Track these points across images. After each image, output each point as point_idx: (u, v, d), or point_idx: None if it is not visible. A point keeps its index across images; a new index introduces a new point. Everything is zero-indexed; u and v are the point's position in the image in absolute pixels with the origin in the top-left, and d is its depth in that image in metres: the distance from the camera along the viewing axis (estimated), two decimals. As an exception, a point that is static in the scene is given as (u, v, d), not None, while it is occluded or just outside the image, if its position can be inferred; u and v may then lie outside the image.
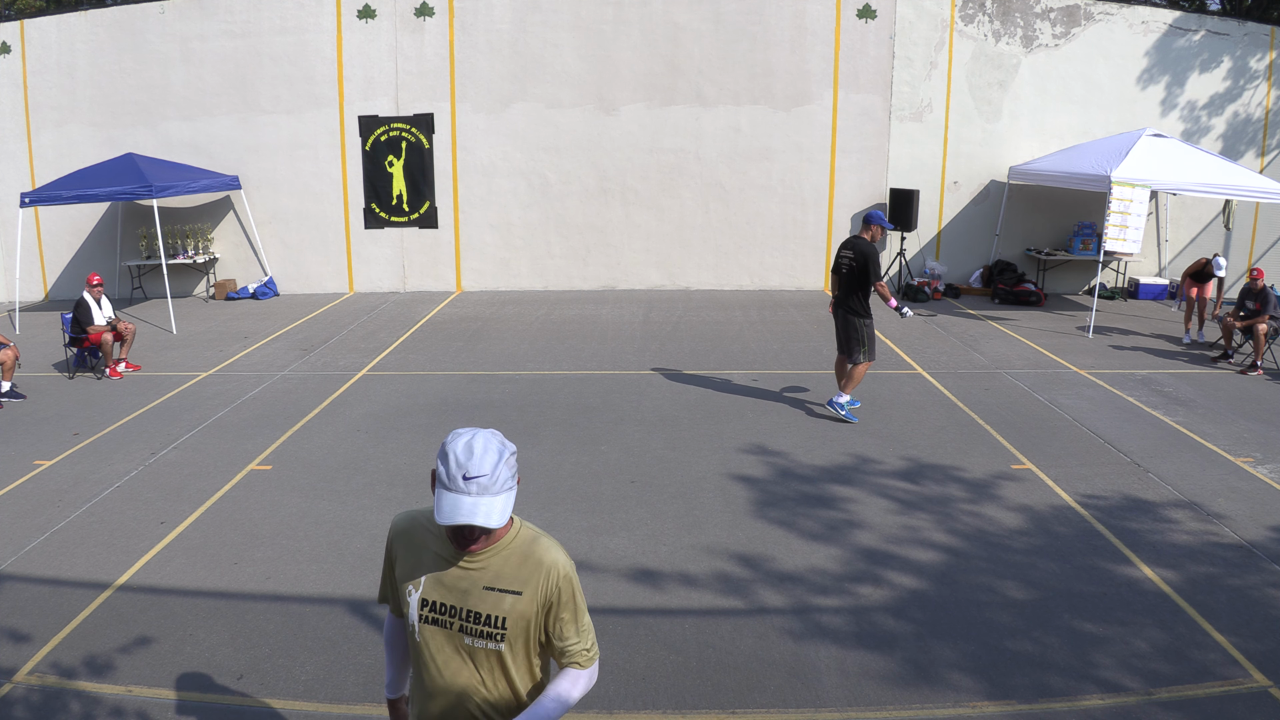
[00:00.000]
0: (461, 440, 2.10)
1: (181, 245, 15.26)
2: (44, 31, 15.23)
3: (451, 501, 2.06)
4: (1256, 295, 10.62)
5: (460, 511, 2.05)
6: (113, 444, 8.13)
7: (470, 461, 2.06)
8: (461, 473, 2.06)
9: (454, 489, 2.06)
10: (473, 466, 2.06)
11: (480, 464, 2.06)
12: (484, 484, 2.07)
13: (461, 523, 2.05)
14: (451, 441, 2.10)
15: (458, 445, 2.08)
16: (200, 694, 4.44)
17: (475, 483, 2.06)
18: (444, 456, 2.09)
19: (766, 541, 6.08)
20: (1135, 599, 5.27)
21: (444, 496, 2.07)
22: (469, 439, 2.10)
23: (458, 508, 2.06)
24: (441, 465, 2.09)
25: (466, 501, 2.06)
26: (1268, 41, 14.94)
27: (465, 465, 2.06)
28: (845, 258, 8.41)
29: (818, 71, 15.06)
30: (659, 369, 10.52)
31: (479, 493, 2.07)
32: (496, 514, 2.10)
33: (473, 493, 2.06)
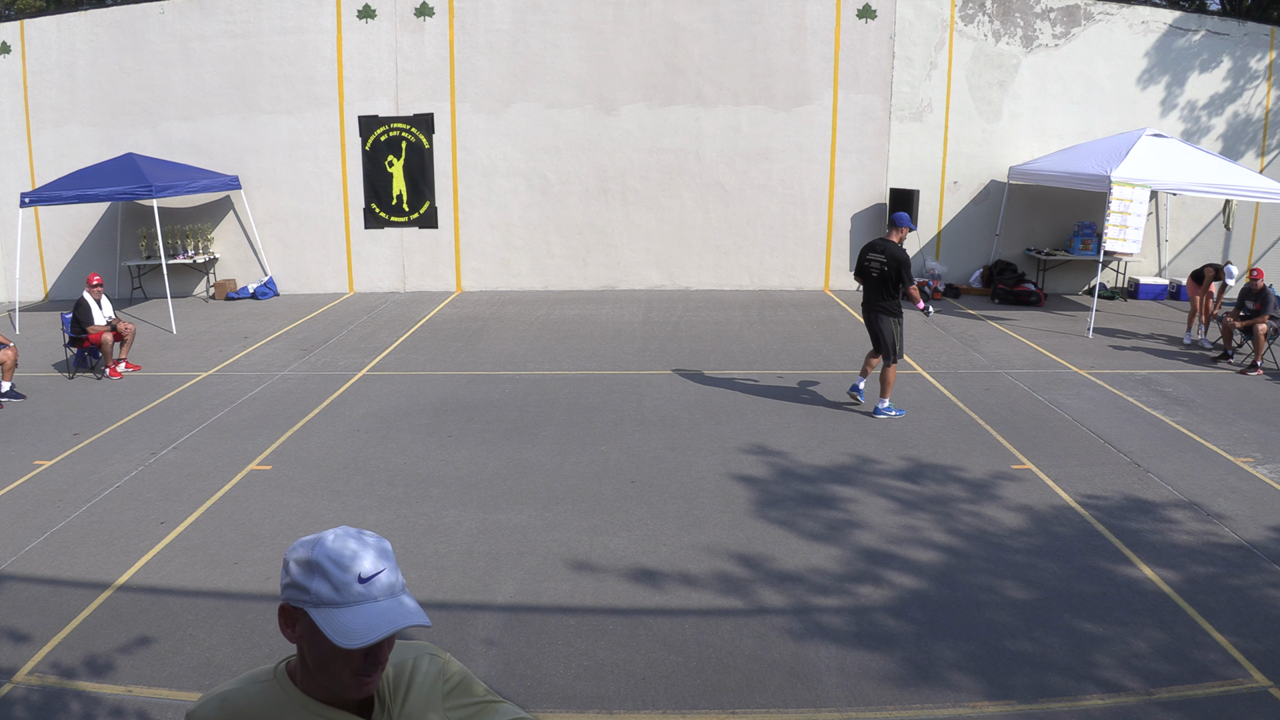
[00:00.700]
0: (325, 547, 1.51)
1: (181, 245, 15.26)
2: (44, 31, 15.23)
3: (354, 615, 1.47)
4: (1256, 295, 10.62)
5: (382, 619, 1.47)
6: (113, 444, 8.13)
7: (357, 559, 1.50)
8: (356, 575, 1.48)
9: (357, 600, 1.48)
10: (364, 566, 1.50)
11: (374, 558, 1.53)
12: (389, 580, 1.52)
13: (385, 633, 1.46)
14: (309, 553, 1.51)
15: (326, 551, 1.50)
16: (200, 694, 4.44)
17: (377, 583, 1.50)
18: (312, 569, 1.49)
19: (766, 541, 6.08)
20: (1135, 599, 5.27)
21: (341, 615, 1.47)
22: (332, 541, 1.52)
23: (376, 616, 1.48)
24: (320, 582, 1.48)
25: (381, 607, 1.49)
26: (1268, 41, 14.94)
27: (352, 565, 1.49)
28: (876, 261, 8.43)
29: (818, 71, 15.06)
30: (659, 369, 10.52)
31: (386, 594, 1.51)
32: (418, 608, 1.53)
33: (378, 596, 1.50)
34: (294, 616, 1.53)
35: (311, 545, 1.52)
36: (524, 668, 4.66)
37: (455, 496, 6.89)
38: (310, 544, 1.53)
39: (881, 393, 8.70)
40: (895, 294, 8.42)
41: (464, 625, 5.07)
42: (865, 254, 8.58)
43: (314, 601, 1.48)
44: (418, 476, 7.29)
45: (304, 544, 1.53)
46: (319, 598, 1.48)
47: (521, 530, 6.28)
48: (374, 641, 1.46)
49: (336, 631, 1.46)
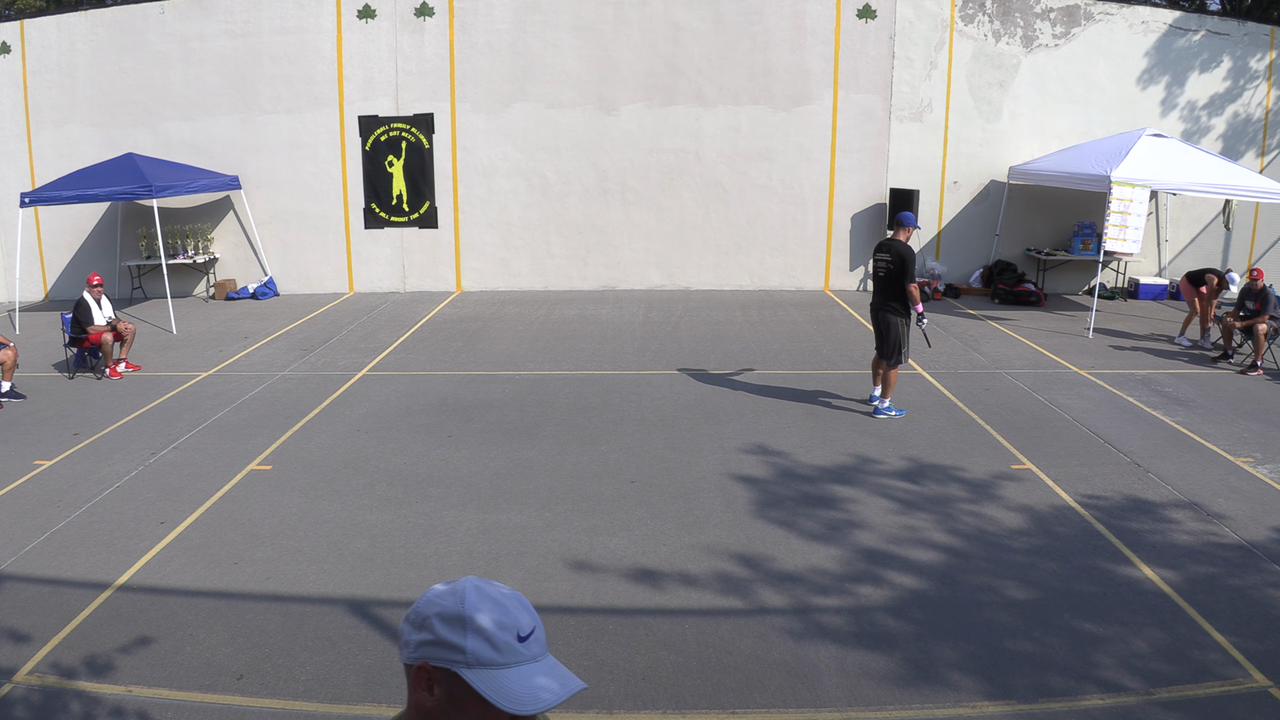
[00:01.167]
0: (469, 594, 1.34)
1: (181, 245, 15.26)
2: (44, 31, 15.23)
3: (518, 677, 1.32)
4: (1256, 295, 10.61)
5: (552, 682, 1.34)
6: (113, 444, 8.13)
7: (514, 615, 1.35)
8: (515, 633, 1.33)
9: (520, 659, 1.33)
10: (522, 620, 1.35)
11: (525, 612, 1.37)
12: (541, 638, 1.37)
13: (562, 697, 1.34)
14: (459, 608, 1.32)
15: (480, 602, 1.33)
16: (200, 694, 4.44)
17: (535, 640, 1.35)
18: (464, 626, 1.31)
19: (767, 541, 6.08)
20: (1135, 599, 5.27)
21: (503, 677, 1.31)
22: (478, 594, 1.34)
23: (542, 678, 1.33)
24: (476, 639, 1.31)
25: (542, 667, 1.35)
26: (1268, 41, 14.94)
27: (514, 622, 1.34)
28: (882, 260, 8.44)
29: (818, 71, 15.06)
30: (659, 369, 10.51)
31: (542, 652, 1.36)
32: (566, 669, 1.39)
33: (538, 654, 1.35)
34: (435, 678, 1.33)
35: (458, 599, 1.32)
36: (524, 668, 4.66)
37: (455, 496, 6.88)
38: (454, 597, 1.33)
39: (882, 393, 8.70)
40: (902, 294, 8.42)
41: (464, 625, 5.06)
42: (875, 254, 8.61)
43: (469, 662, 1.30)
44: (418, 476, 7.29)
45: (443, 597, 1.34)
46: (477, 658, 1.30)
47: (521, 530, 6.28)
48: (551, 706, 1.31)
49: (502, 695, 1.29)
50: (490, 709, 1.29)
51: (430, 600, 1.34)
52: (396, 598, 5.38)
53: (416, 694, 1.35)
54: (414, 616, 1.35)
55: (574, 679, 1.35)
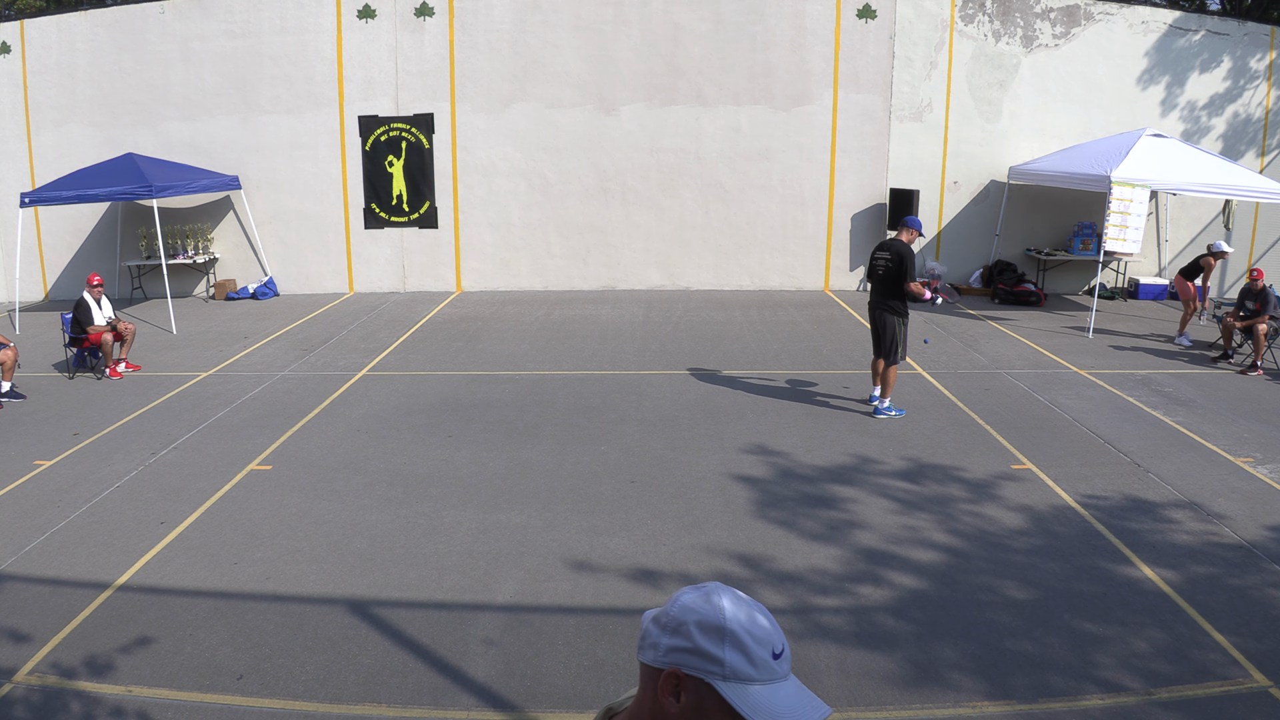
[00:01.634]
0: (727, 606, 1.32)
1: (181, 245, 15.26)
2: (44, 31, 15.23)
3: (771, 694, 1.30)
4: (1256, 295, 10.61)
5: (806, 704, 1.31)
6: (113, 444, 8.13)
7: (769, 631, 1.33)
8: (770, 650, 1.31)
9: (774, 676, 1.30)
10: (776, 637, 1.33)
11: (776, 629, 1.35)
12: (789, 658, 1.35)
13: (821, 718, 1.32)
14: (720, 619, 1.30)
15: (739, 615, 1.31)
16: (200, 694, 4.44)
17: (785, 659, 1.33)
18: (723, 637, 1.29)
19: (767, 541, 6.08)
20: (1135, 599, 5.27)
21: (757, 693, 1.29)
22: (735, 607, 1.32)
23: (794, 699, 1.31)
24: (734, 653, 1.29)
25: (792, 686, 1.32)
26: (1268, 41, 14.94)
27: (768, 637, 1.32)
28: (882, 260, 8.46)
29: (818, 71, 15.06)
30: (659, 369, 10.51)
31: (789, 671, 1.34)
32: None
33: (786, 673, 1.33)
34: (685, 685, 1.31)
35: (717, 609, 1.31)
36: (524, 668, 4.66)
37: (455, 496, 6.88)
38: (712, 607, 1.32)
39: (882, 393, 8.70)
40: (901, 293, 8.43)
41: (464, 625, 5.07)
42: (875, 253, 8.62)
43: (725, 675, 1.29)
44: (418, 476, 7.29)
45: (700, 605, 1.32)
46: (734, 671, 1.29)
47: (521, 530, 6.28)
48: None
49: (757, 711, 1.28)
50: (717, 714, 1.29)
51: (687, 607, 1.32)
52: (396, 598, 5.38)
53: (662, 698, 1.33)
54: (667, 620, 1.33)
55: (823, 703, 1.33)
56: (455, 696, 4.44)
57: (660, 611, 1.35)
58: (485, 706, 4.37)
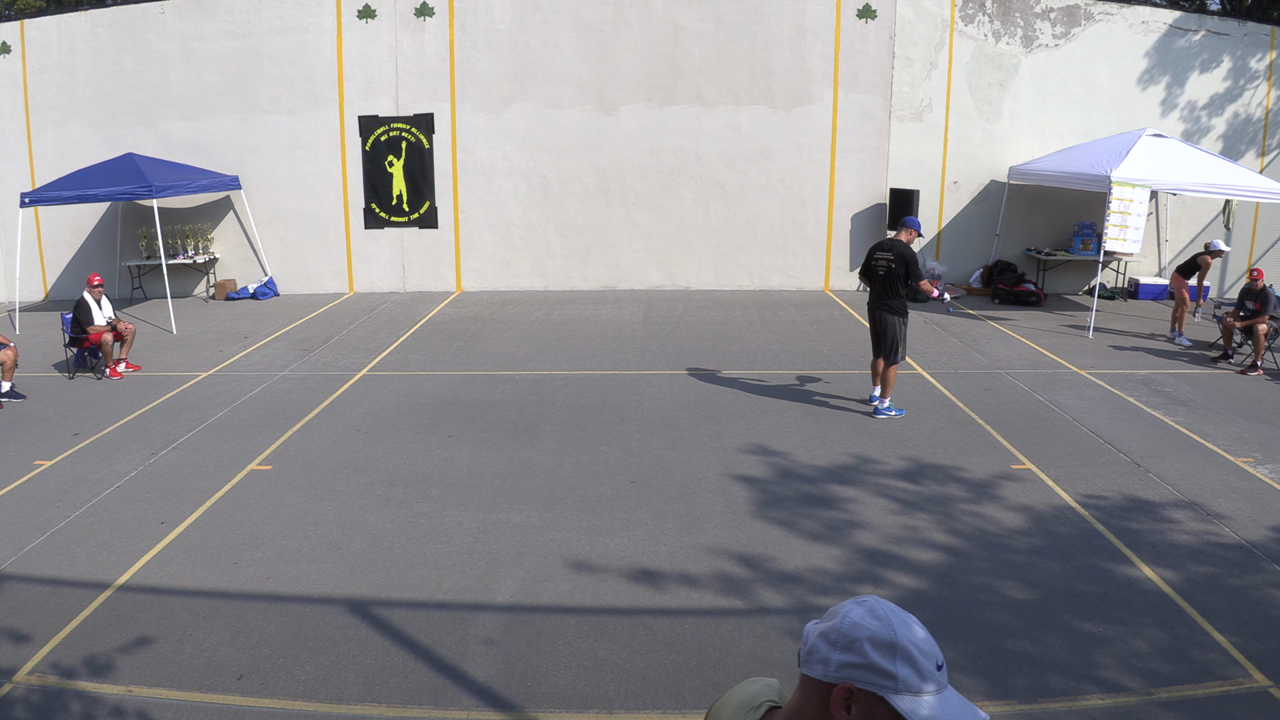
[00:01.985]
0: (907, 629, 1.39)
1: (181, 245, 15.26)
2: (44, 31, 15.23)
3: (935, 705, 1.37)
4: (1256, 295, 10.61)
5: (967, 710, 1.40)
6: (113, 444, 8.13)
7: (932, 645, 1.41)
8: (935, 662, 1.39)
9: (940, 686, 1.38)
10: (937, 651, 1.41)
11: (934, 643, 1.43)
12: (946, 669, 1.43)
13: None
14: (890, 635, 1.37)
15: (910, 636, 1.38)
16: (200, 694, 4.44)
17: (945, 670, 1.41)
18: (894, 652, 1.36)
19: (767, 541, 6.08)
20: (1135, 599, 5.27)
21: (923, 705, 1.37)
22: (904, 622, 1.40)
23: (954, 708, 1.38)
24: (905, 667, 1.36)
25: (952, 696, 1.40)
26: (1268, 41, 14.94)
27: (933, 650, 1.40)
28: (883, 260, 8.44)
29: (818, 71, 15.06)
30: (659, 369, 10.51)
31: (947, 682, 1.43)
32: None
33: (946, 684, 1.41)
34: (855, 699, 1.37)
35: (887, 625, 1.37)
36: (524, 668, 4.66)
37: (455, 496, 6.88)
38: (882, 623, 1.38)
39: (882, 393, 8.70)
40: (901, 293, 8.42)
41: (464, 625, 5.07)
42: (873, 253, 8.60)
43: (898, 688, 1.35)
44: (418, 476, 7.29)
45: (870, 620, 1.38)
46: (906, 684, 1.35)
47: (521, 530, 6.28)
48: None
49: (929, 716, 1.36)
50: None
51: (856, 623, 1.38)
52: (396, 598, 5.38)
53: (835, 712, 1.38)
54: (837, 637, 1.38)
55: (980, 710, 1.39)
56: (455, 696, 4.44)
57: (829, 627, 1.40)
58: (485, 706, 4.37)
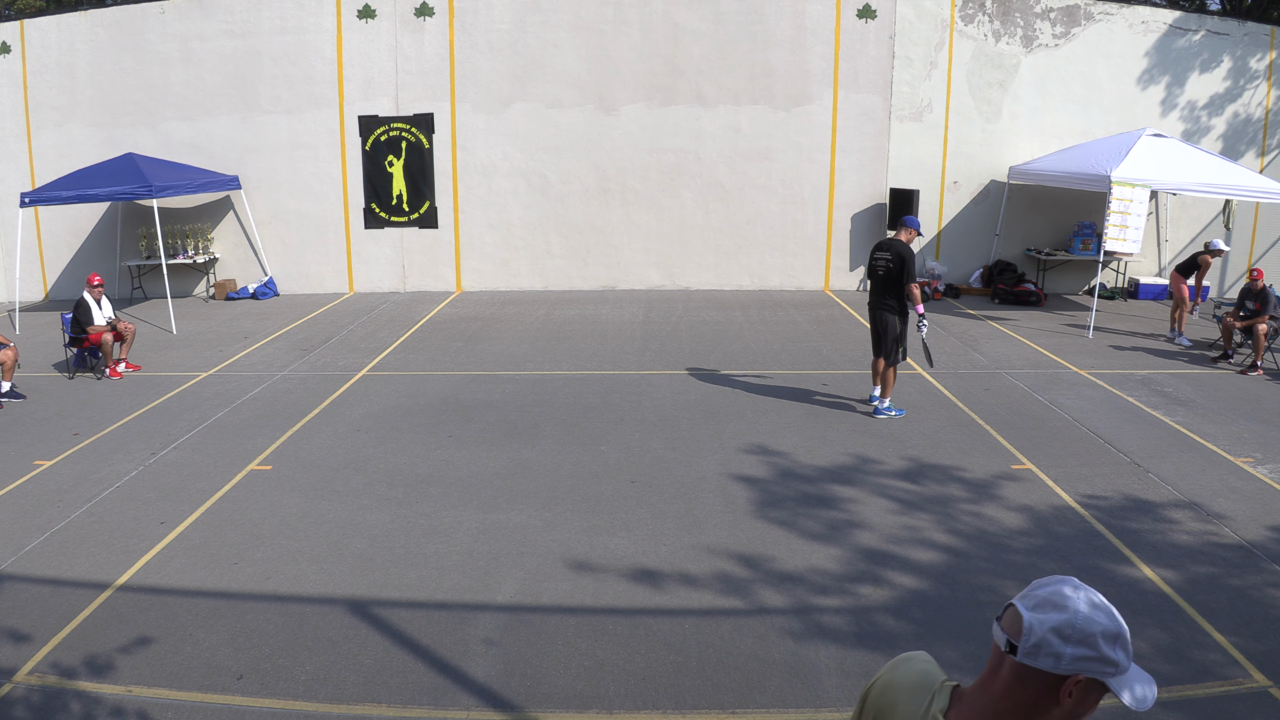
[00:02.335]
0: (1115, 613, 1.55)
1: (181, 245, 15.26)
2: (44, 31, 15.23)
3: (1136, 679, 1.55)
4: (1256, 295, 10.61)
5: (1148, 677, 1.57)
6: (113, 444, 8.13)
7: (1125, 625, 1.55)
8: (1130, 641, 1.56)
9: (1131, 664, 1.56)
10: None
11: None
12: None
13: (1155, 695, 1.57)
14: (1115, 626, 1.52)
15: (1119, 618, 1.54)
16: (200, 694, 4.44)
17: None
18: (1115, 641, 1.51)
19: (767, 541, 6.08)
20: (1135, 599, 5.27)
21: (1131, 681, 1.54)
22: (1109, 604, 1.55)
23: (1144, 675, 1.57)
24: (1120, 651, 1.52)
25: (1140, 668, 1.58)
26: (1268, 41, 14.94)
27: (1128, 632, 1.55)
28: (882, 260, 8.45)
29: (818, 71, 15.06)
30: (659, 369, 10.51)
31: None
32: None
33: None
34: (1078, 685, 1.51)
35: (1110, 616, 1.52)
36: (524, 668, 4.66)
37: (455, 496, 6.89)
38: (1107, 615, 1.52)
39: (882, 393, 8.69)
40: (901, 293, 8.42)
41: (464, 625, 5.07)
42: (874, 253, 8.61)
43: (1118, 672, 1.53)
44: (418, 476, 7.29)
45: (1098, 614, 1.51)
46: (1122, 668, 1.53)
47: (521, 530, 6.28)
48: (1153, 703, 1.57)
49: (1135, 699, 1.53)
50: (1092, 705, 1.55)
51: (1089, 618, 1.50)
52: (396, 598, 5.38)
53: (1063, 700, 1.52)
54: (1072, 633, 1.50)
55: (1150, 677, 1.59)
56: (455, 696, 4.44)
57: (1062, 622, 1.50)
58: (485, 706, 4.37)
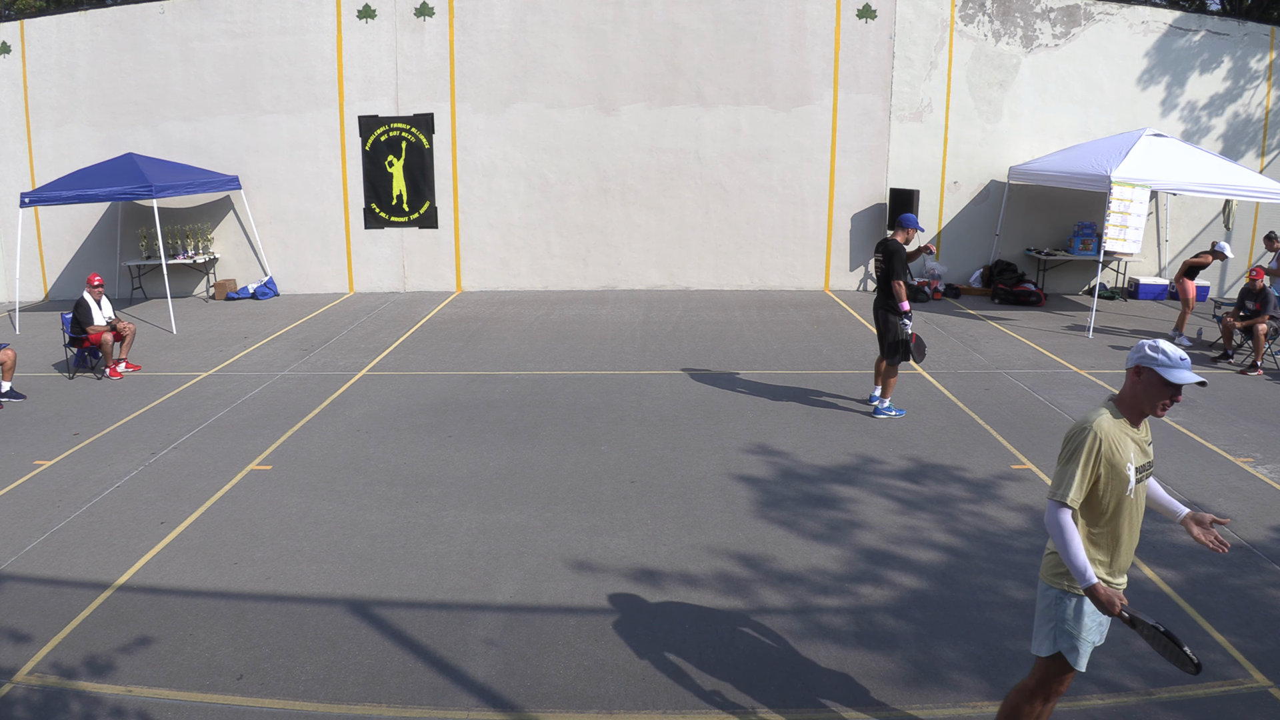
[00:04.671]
0: (1164, 343, 3.35)
1: (181, 245, 15.26)
2: (44, 31, 15.23)
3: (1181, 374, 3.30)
4: (1256, 295, 10.62)
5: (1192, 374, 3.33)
6: (113, 444, 8.13)
7: (1178, 352, 3.31)
8: (1179, 356, 3.30)
9: (1178, 365, 3.30)
10: (1179, 354, 3.31)
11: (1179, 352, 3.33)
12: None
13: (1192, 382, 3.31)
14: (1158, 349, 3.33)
15: (1166, 345, 3.34)
16: (200, 694, 4.44)
17: (1187, 361, 3.34)
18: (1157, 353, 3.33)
19: (767, 541, 6.08)
20: (1135, 599, 5.27)
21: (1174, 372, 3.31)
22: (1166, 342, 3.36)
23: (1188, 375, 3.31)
24: (1160, 356, 3.32)
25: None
26: (1268, 41, 14.94)
27: (1179, 355, 3.31)
28: (877, 259, 8.50)
29: (818, 71, 15.06)
30: (659, 369, 10.52)
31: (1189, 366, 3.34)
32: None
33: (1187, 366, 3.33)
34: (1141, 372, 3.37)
35: (1155, 346, 3.35)
36: (524, 668, 4.66)
37: (455, 496, 6.89)
38: (1152, 344, 3.36)
39: (882, 393, 8.70)
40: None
41: (464, 625, 5.07)
42: (874, 253, 8.63)
43: (1154, 367, 3.32)
44: (418, 476, 7.29)
45: (1145, 344, 3.38)
46: (1159, 367, 3.32)
47: (521, 530, 6.28)
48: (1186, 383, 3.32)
49: (1173, 378, 3.31)
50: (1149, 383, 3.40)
51: (1138, 346, 3.42)
52: (396, 598, 5.38)
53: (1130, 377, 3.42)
54: (1135, 348, 3.45)
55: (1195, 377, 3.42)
56: (455, 696, 4.44)
57: (1130, 352, 3.43)
58: (485, 706, 4.37)
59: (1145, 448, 3.44)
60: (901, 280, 8.29)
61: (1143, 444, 3.43)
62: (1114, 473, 3.34)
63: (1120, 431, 3.35)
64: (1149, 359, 3.29)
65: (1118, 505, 3.38)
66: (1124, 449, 3.34)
